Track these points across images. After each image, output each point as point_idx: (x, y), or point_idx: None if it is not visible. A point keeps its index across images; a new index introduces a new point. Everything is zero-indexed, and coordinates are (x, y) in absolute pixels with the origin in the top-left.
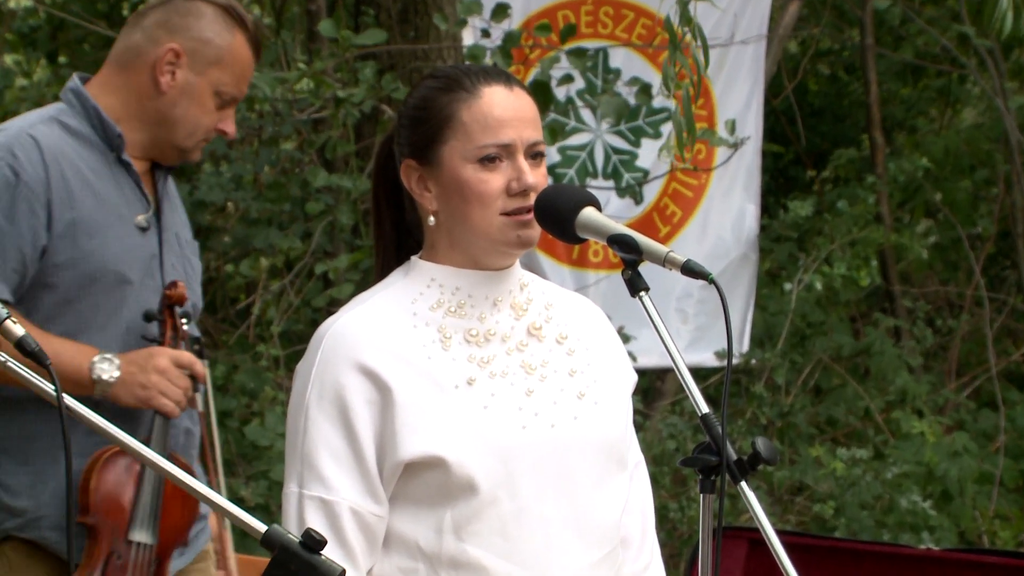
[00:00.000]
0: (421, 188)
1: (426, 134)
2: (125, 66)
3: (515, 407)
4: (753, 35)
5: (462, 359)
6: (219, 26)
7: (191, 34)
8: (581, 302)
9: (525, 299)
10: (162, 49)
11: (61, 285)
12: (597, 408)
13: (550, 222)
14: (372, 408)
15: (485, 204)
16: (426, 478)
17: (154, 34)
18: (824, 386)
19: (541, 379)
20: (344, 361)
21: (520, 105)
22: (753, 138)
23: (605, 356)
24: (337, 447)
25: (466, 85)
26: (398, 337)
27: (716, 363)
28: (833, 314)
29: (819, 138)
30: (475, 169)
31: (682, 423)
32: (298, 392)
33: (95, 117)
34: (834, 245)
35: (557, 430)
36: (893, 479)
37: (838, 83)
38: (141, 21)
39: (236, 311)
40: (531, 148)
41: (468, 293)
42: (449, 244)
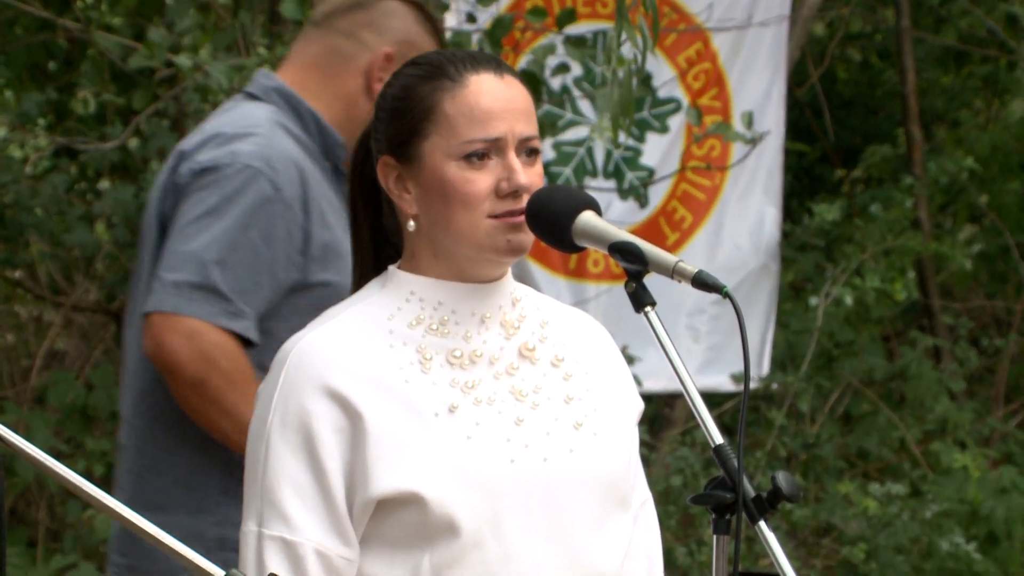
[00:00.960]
0: (400, 189)
1: (405, 128)
2: (330, 70)
3: (503, 438)
4: (773, 16)
5: (443, 383)
6: (420, 28)
7: (398, 37)
8: (581, 319)
9: (517, 316)
10: (376, 54)
11: (302, 313)
12: (596, 440)
13: (544, 228)
14: (341, 437)
15: (470, 207)
16: (401, 517)
17: (362, 36)
18: (854, 414)
19: (533, 407)
20: (310, 384)
21: (512, 95)
22: (774, 133)
23: (607, 381)
24: (301, 481)
25: (450, 73)
26: (372, 358)
27: (732, 387)
28: (864, 332)
29: (849, 133)
30: (459, 167)
31: (693, 455)
32: (259, 418)
33: (312, 123)
34: (866, 254)
35: (550, 464)
36: (932, 519)
37: (870, 71)
38: (336, 22)
39: None
40: (524, 144)
41: (452, 309)
42: (431, 252)
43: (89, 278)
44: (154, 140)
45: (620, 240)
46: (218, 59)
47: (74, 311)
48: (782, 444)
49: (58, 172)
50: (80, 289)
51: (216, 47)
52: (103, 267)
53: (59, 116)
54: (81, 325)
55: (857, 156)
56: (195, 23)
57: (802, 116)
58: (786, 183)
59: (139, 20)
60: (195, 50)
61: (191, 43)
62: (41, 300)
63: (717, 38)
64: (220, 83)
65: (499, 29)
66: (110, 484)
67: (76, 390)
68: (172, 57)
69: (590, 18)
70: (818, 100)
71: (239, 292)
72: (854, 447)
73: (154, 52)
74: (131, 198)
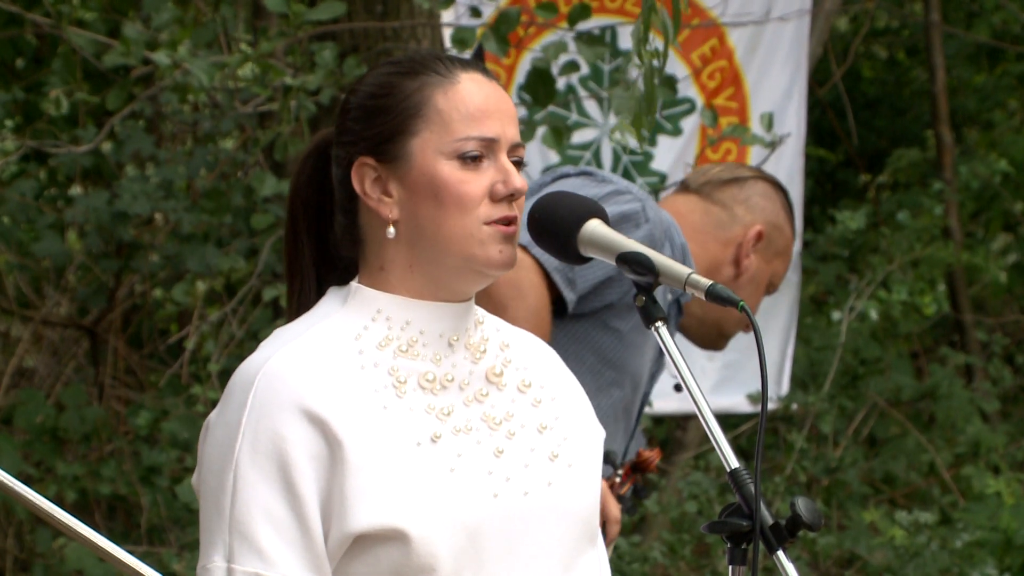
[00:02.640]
0: (378, 192)
1: (389, 125)
2: (704, 232)
3: (484, 470)
4: (794, 10)
5: (420, 410)
6: (784, 214)
7: (768, 217)
8: (535, 342)
9: (480, 338)
10: (750, 230)
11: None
12: (572, 472)
13: (548, 238)
14: (318, 465)
15: (465, 209)
16: (378, 554)
17: (736, 211)
18: (880, 436)
19: (509, 436)
20: (283, 406)
21: (501, 98)
22: (794, 135)
23: (571, 407)
24: (276, 512)
25: (439, 68)
26: (346, 380)
27: (749, 408)
28: (891, 349)
29: (874, 135)
30: (453, 167)
31: (707, 480)
32: (222, 444)
33: (680, 254)
34: (893, 265)
35: (531, 499)
36: (964, 548)
37: (897, 69)
38: (712, 192)
39: (166, 346)
40: (514, 151)
41: (420, 329)
42: (406, 263)
43: (60, 290)
44: (129, 143)
45: (629, 250)
46: (198, 56)
47: (44, 326)
48: (802, 468)
49: (26, 177)
50: (50, 302)
51: (196, 43)
52: (75, 279)
53: (28, 117)
54: (51, 341)
55: (883, 160)
56: (173, 18)
57: (824, 117)
58: (807, 189)
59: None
60: (173, 47)
61: (169, 39)
62: (8, 314)
63: (733, 34)
64: (201, 81)
65: (504, 24)
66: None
67: (46, 410)
68: (149, 54)
69: (598, 12)
70: (841, 100)
71: (581, 269)
72: (880, 472)
73: (130, 49)
74: (104, 205)
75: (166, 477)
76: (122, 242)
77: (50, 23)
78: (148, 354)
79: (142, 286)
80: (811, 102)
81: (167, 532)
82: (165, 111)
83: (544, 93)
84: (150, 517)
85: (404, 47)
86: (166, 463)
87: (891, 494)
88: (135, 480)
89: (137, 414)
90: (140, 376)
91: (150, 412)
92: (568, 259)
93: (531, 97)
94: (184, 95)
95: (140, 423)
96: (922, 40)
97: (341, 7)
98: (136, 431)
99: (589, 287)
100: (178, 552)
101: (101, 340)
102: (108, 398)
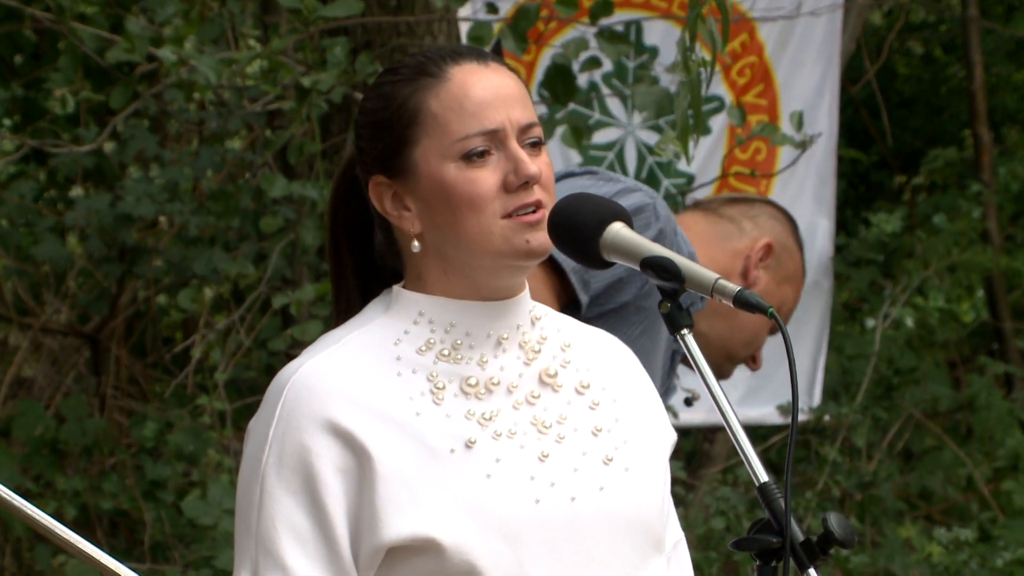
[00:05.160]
0: (398, 209)
1: (392, 139)
2: (712, 243)
3: (526, 475)
4: (826, 4)
5: (458, 415)
6: (794, 243)
7: (777, 236)
8: (605, 340)
9: (537, 337)
10: (757, 242)
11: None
12: (628, 476)
13: (568, 242)
14: (345, 478)
15: (479, 208)
16: (414, 565)
17: (743, 225)
18: (916, 449)
19: (558, 440)
20: (310, 418)
21: (501, 82)
22: (826, 135)
23: (636, 409)
24: (301, 526)
25: (430, 70)
26: (379, 388)
27: (779, 420)
28: (927, 358)
29: (909, 135)
30: (459, 168)
31: (735, 496)
32: (252, 457)
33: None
34: (929, 271)
35: (579, 504)
36: (1004, 567)
37: (934, 65)
38: (719, 208)
39: (171, 354)
40: (525, 133)
41: (465, 331)
42: (441, 270)
43: (60, 297)
44: (133, 143)
45: (653, 255)
46: (205, 52)
47: (43, 333)
48: (835, 483)
49: (26, 178)
50: (50, 309)
51: (202, 39)
52: (76, 284)
53: (27, 116)
54: (51, 349)
55: (918, 161)
56: (178, 12)
57: (857, 116)
58: (839, 191)
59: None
60: (179, 42)
61: (174, 35)
62: (6, 321)
63: (763, 28)
64: (207, 79)
65: (523, 20)
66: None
67: (45, 422)
68: (154, 50)
69: (622, 7)
70: (875, 99)
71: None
72: (916, 486)
73: (134, 45)
74: (107, 207)
75: (171, 492)
76: (125, 246)
77: (51, 18)
78: (152, 363)
79: (146, 292)
80: (843, 100)
81: (171, 549)
82: (170, 110)
83: (564, 91)
84: (154, 534)
85: (419, 43)
86: (171, 477)
87: (928, 510)
88: (138, 495)
89: (140, 426)
90: (144, 386)
91: (154, 424)
92: (590, 263)
93: (550, 94)
94: (190, 93)
95: (144, 435)
96: (959, 35)
97: (358, 5)
98: (139, 443)
99: (602, 288)
100: (183, 570)
101: (103, 348)
102: (110, 409)
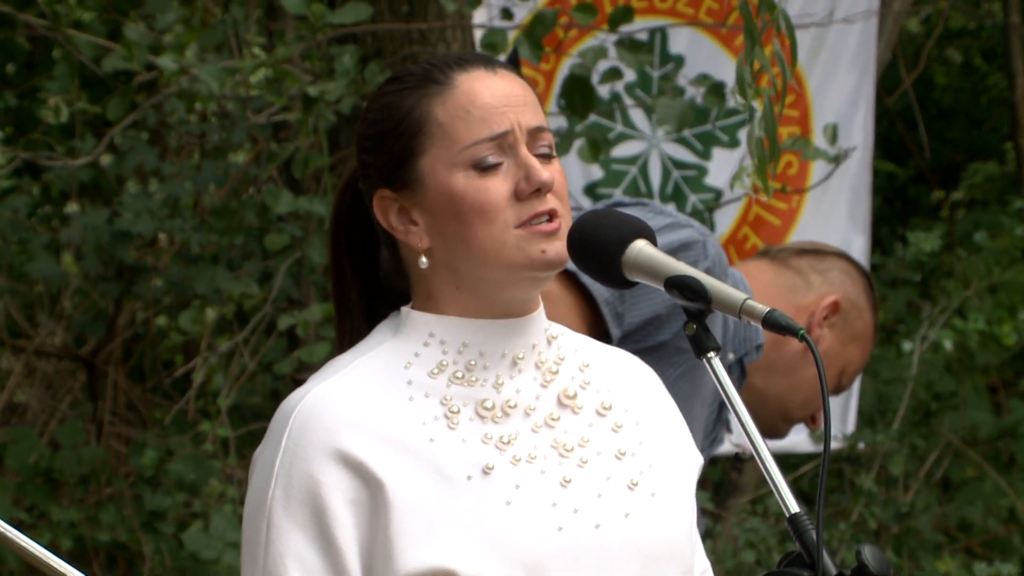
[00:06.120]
0: (405, 223)
1: (397, 150)
2: (776, 296)
3: (547, 502)
4: (860, 11)
5: (475, 440)
6: (866, 299)
7: (847, 294)
8: (626, 360)
9: (554, 357)
10: (824, 299)
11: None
12: (655, 502)
13: (589, 260)
14: (357, 510)
15: (490, 218)
16: None
17: (811, 278)
18: (955, 479)
19: (580, 464)
20: (318, 448)
21: (510, 88)
22: (861, 148)
23: (661, 432)
24: (311, 562)
25: (436, 77)
26: (390, 414)
27: (811, 447)
28: (967, 383)
29: (949, 148)
30: (468, 177)
31: (765, 527)
32: (258, 488)
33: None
34: (969, 291)
35: (603, 532)
36: None
37: (974, 75)
38: (789, 259)
39: (172, 379)
40: (535, 139)
41: (479, 351)
42: (453, 286)
43: (54, 318)
44: (131, 156)
45: (679, 274)
46: (207, 61)
47: (37, 357)
48: (870, 514)
49: (19, 193)
50: (44, 331)
51: (204, 47)
52: (71, 305)
53: (20, 127)
54: (45, 373)
55: (958, 175)
56: (179, 18)
57: (893, 129)
58: (875, 207)
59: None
60: (180, 50)
61: (174, 42)
62: None
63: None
64: (210, 88)
65: (539, 27)
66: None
67: (39, 449)
68: (153, 59)
69: (646, 13)
70: (912, 110)
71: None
72: (955, 518)
73: (132, 53)
74: (104, 224)
75: (171, 523)
76: (123, 265)
77: (45, 25)
78: (151, 388)
79: (145, 313)
80: (879, 112)
81: None
82: (170, 121)
83: (582, 103)
84: (153, 567)
85: (432, 51)
86: (171, 508)
87: (967, 542)
88: (137, 527)
89: (139, 454)
90: (143, 412)
91: (154, 452)
92: (612, 283)
93: (568, 106)
94: (191, 103)
95: (143, 464)
96: (1001, 43)
97: (367, 10)
98: (138, 472)
99: (638, 323)
100: None
101: (100, 373)
102: (107, 436)
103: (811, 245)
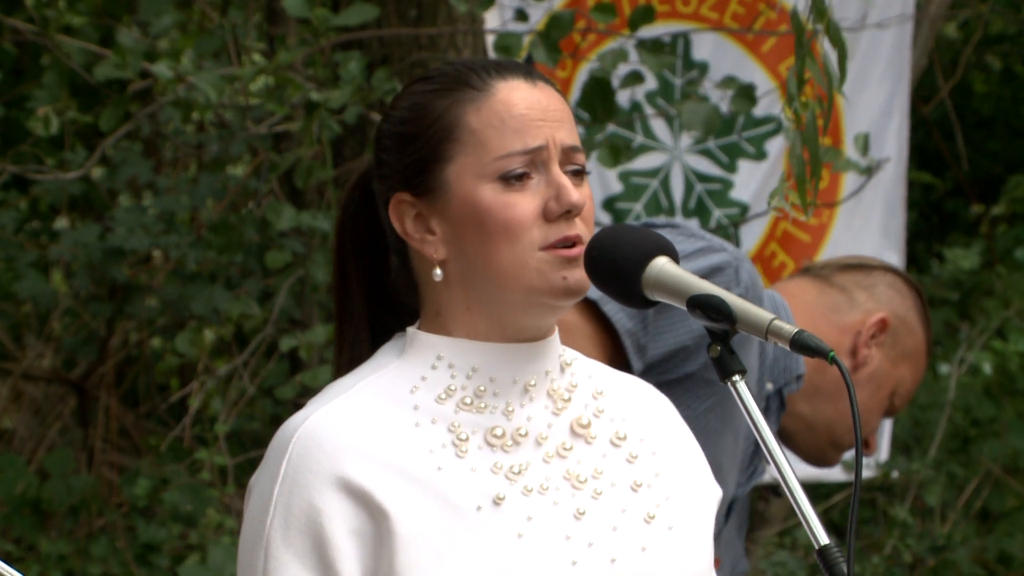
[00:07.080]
0: (421, 231)
1: (422, 153)
2: (819, 317)
3: (561, 535)
4: (894, 15)
5: (484, 469)
6: (916, 314)
7: (894, 309)
8: (640, 388)
9: (567, 385)
10: (870, 317)
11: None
12: (672, 535)
13: (608, 279)
14: (360, 541)
15: (515, 236)
16: None
17: (856, 296)
18: (994, 509)
19: (594, 495)
20: (319, 475)
21: (548, 103)
22: (895, 160)
23: (677, 463)
24: None
25: (473, 82)
26: (395, 440)
27: (842, 477)
28: (1008, 408)
29: (988, 160)
30: (496, 190)
31: (793, 560)
32: (254, 519)
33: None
34: (1010, 311)
35: (620, 566)
36: None
37: (1014, 82)
38: (833, 276)
39: (167, 404)
40: (569, 157)
41: (489, 376)
42: (464, 305)
43: (43, 339)
44: (124, 168)
45: (702, 293)
46: (204, 68)
47: (25, 380)
48: (905, 546)
49: (6, 208)
50: (32, 353)
51: (201, 53)
52: (60, 326)
53: (7, 139)
54: (33, 398)
55: (998, 188)
56: (175, 23)
57: (929, 139)
58: (910, 222)
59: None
60: (175, 57)
61: (170, 48)
62: None
63: (825, 42)
64: (208, 97)
65: (556, 30)
66: None
67: (27, 478)
68: (148, 66)
69: (668, 18)
70: (949, 119)
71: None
72: (994, 551)
73: (126, 59)
74: (95, 240)
75: (166, 556)
76: (115, 283)
77: (33, 30)
78: (145, 413)
79: (138, 334)
80: (914, 121)
81: None
82: (166, 131)
83: (602, 107)
84: None
85: (442, 57)
86: (166, 540)
87: None
88: (130, 559)
89: (133, 483)
90: (136, 439)
91: (148, 481)
92: (632, 303)
93: (588, 112)
94: (188, 113)
95: (136, 493)
96: None
97: (373, 11)
98: (131, 502)
99: (662, 354)
100: None
101: (91, 397)
102: (99, 464)
103: (856, 260)
